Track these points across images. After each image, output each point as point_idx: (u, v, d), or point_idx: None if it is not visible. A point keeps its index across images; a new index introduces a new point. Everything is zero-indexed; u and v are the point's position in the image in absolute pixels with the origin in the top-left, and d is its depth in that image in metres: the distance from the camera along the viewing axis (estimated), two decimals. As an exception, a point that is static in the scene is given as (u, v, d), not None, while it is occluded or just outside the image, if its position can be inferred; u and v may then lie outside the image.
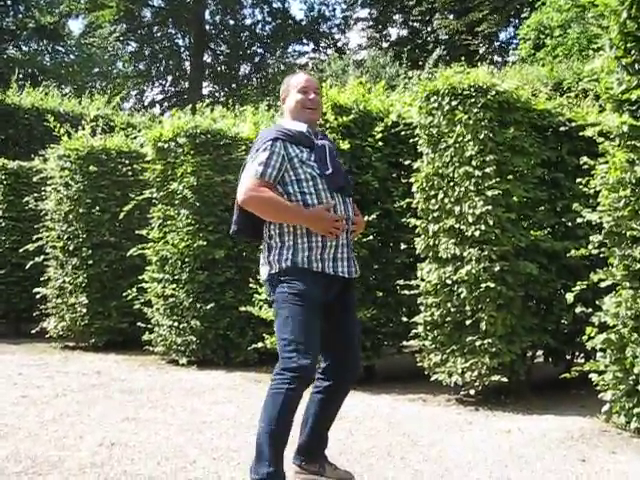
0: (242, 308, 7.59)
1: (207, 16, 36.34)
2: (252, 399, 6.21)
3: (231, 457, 4.55)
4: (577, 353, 6.97)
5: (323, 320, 3.88)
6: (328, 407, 4.09)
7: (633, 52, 4.92)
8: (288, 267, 3.86)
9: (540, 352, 7.04)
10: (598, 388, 5.22)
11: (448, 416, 5.83)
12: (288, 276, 3.85)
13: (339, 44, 36.73)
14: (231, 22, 36.97)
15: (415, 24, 31.97)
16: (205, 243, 8.06)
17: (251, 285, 7.56)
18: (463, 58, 8.30)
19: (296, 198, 3.89)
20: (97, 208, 9.62)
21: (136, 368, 8.19)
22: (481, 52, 27.24)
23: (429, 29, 30.82)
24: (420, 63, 23.43)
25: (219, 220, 8.10)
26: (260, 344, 7.35)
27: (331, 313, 3.96)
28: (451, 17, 28.92)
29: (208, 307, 8.01)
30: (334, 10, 38.79)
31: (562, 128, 6.49)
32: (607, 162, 5.11)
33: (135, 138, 10.23)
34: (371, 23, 33.68)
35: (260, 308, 7.34)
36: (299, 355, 3.72)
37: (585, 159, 5.43)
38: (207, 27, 36.37)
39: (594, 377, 5.25)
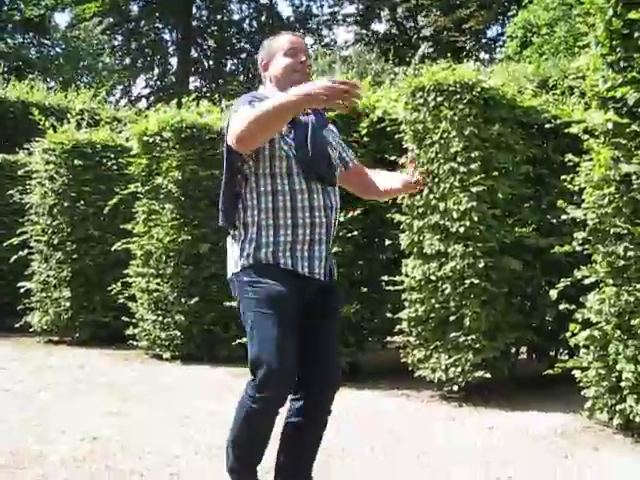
0: (227, 303, 7.56)
1: (194, 11, 36.25)
2: (236, 394, 6.17)
3: (214, 452, 4.53)
4: (561, 350, 6.99)
5: (297, 330, 3.24)
6: (307, 434, 3.45)
7: (618, 50, 4.91)
8: (251, 264, 3.23)
9: (524, 349, 7.07)
10: (581, 385, 5.24)
11: (431, 412, 5.84)
12: (252, 276, 3.22)
13: (326, 40, 36.73)
14: (218, 17, 36.87)
15: (402, 20, 32.02)
16: (190, 238, 8.04)
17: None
18: (450, 55, 8.28)
19: (265, 181, 3.21)
20: (82, 202, 9.56)
21: (120, 363, 8.16)
22: (468, 49, 27.27)
23: (416, 25, 30.87)
24: (407, 59, 23.40)
25: (204, 215, 8.07)
26: (245, 339, 7.31)
27: (307, 320, 3.29)
28: (438, 14, 28.94)
29: (192, 302, 7.99)
30: (321, 6, 38.75)
31: (547, 125, 6.49)
32: (592, 159, 5.13)
33: (120, 132, 10.20)
34: (358, 19, 33.69)
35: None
36: (266, 376, 3.25)
37: (570, 156, 5.44)
38: (194, 22, 36.26)
39: (577, 374, 5.27)
